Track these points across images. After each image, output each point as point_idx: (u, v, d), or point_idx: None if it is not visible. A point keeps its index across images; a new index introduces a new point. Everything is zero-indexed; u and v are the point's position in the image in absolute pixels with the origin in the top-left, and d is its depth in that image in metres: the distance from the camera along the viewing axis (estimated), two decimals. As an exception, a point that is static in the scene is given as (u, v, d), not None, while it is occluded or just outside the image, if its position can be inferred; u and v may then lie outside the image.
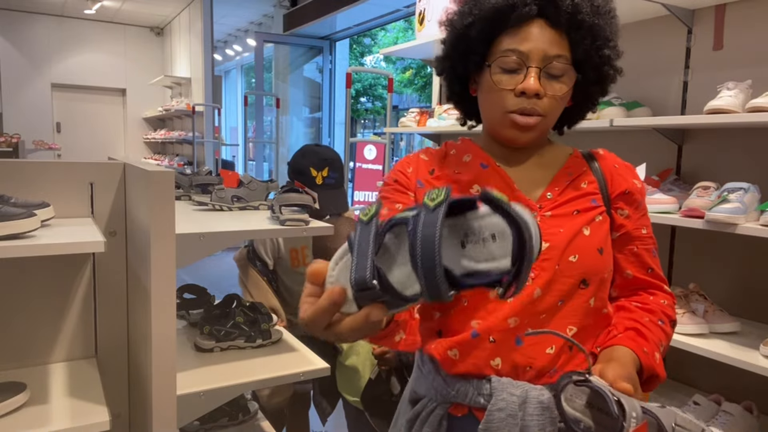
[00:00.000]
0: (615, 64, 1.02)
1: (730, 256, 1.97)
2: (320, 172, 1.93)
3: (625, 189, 1.05)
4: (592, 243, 1.00)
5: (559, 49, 0.97)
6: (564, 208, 1.02)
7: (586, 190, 1.04)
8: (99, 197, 1.42)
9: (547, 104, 0.98)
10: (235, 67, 14.30)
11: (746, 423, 1.75)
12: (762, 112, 1.64)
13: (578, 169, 1.06)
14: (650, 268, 1.07)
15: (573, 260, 0.98)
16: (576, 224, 1.00)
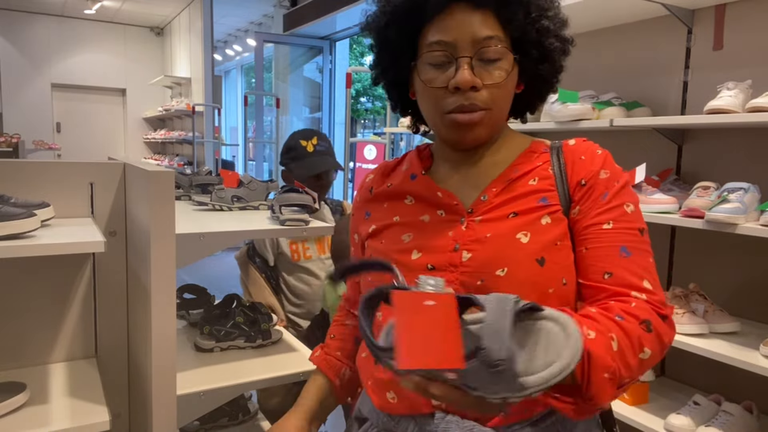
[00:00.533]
0: (561, 34, 0.89)
1: (730, 256, 1.97)
2: (309, 141, 2.01)
3: (580, 179, 0.88)
4: (529, 252, 0.83)
5: (490, 30, 0.85)
6: (499, 210, 0.88)
7: (533, 188, 0.89)
8: (99, 197, 1.42)
9: (487, 96, 0.86)
10: (235, 67, 14.30)
11: (746, 423, 1.75)
12: (762, 112, 1.64)
13: (529, 165, 0.92)
14: (608, 272, 0.83)
15: (501, 274, 0.83)
16: (510, 230, 0.86)
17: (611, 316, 0.77)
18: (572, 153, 0.91)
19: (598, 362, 0.70)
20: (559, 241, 0.86)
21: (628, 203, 0.87)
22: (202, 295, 1.77)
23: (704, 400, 1.83)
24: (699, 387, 2.03)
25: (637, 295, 0.81)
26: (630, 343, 0.75)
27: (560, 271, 0.85)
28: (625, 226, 0.85)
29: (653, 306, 0.81)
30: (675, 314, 1.81)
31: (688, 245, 2.11)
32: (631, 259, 0.83)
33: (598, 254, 0.84)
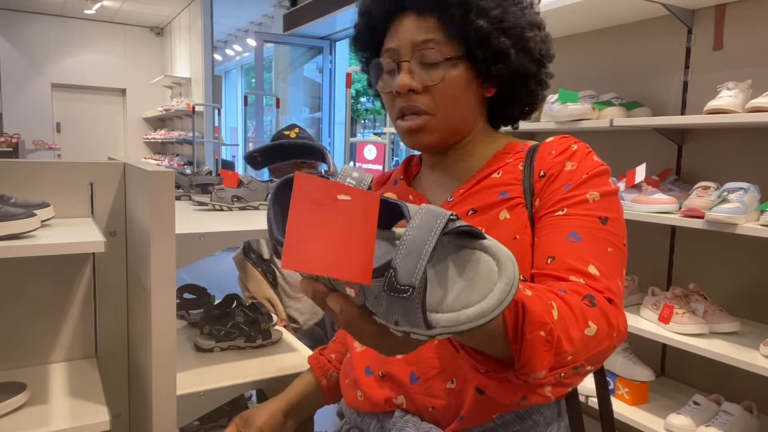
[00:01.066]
0: (514, 32, 0.86)
1: (730, 256, 1.97)
2: (292, 130, 2.13)
3: (539, 170, 0.85)
4: None
5: (427, 34, 0.85)
6: (459, 208, 0.87)
7: (495, 181, 0.87)
8: (99, 197, 1.42)
9: (429, 99, 0.86)
10: (235, 67, 14.30)
11: (746, 423, 1.75)
12: (762, 112, 1.64)
13: (499, 162, 0.90)
14: (550, 256, 0.78)
15: None
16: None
17: (554, 289, 0.69)
18: (545, 149, 0.89)
19: (533, 317, 0.59)
20: (518, 236, 0.83)
21: (591, 192, 0.81)
22: (202, 295, 1.77)
23: (704, 400, 1.83)
24: (699, 387, 2.03)
25: (575, 279, 0.74)
26: (572, 313, 0.65)
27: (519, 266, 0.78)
28: (581, 213, 0.79)
29: (595, 290, 0.73)
30: (675, 314, 1.81)
31: (688, 245, 2.11)
32: (579, 244, 0.77)
33: (545, 241, 0.80)
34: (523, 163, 0.89)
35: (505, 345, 0.60)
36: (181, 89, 8.67)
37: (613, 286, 0.75)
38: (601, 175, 0.84)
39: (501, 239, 0.64)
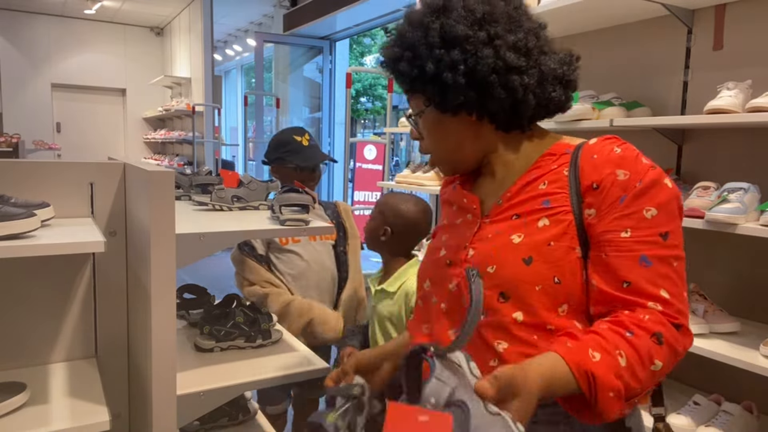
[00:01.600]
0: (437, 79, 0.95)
1: (730, 256, 1.97)
2: (303, 136, 2.13)
3: (591, 183, 0.90)
4: (518, 252, 0.90)
5: (409, 97, 1.06)
6: (506, 213, 0.96)
7: (541, 192, 0.94)
8: (99, 197, 1.42)
9: (427, 143, 1.06)
10: (235, 67, 14.30)
11: (746, 423, 1.75)
12: (762, 112, 1.64)
13: (546, 167, 0.97)
14: (626, 281, 0.85)
15: (490, 271, 0.92)
16: (507, 230, 0.94)
17: (622, 332, 0.81)
18: (587, 152, 0.93)
19: (603, 382, 0.77)
20: (554, 242, 0.90)
21: (647, 207, 0.87)
22: (202, 295, 1.77)
23: (704, 400, 1.83)
24: (699, 387, 2.03)
25: (653, 306, 0.84)
26: (639, 357, 0.80)
27: (550, 270, 0.89)
28: (644, 234, 0.86)
29: (668, 316, 0.84)
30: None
31: (688, 245, 2.10)
32: (651, 268, 0.85)
33: (617, 262, 0.86)
34: (568, 168, 0.94)
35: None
36: (181, 89, 8.67)
37: (683, 306, 0.86)
38: (654, 184, 0.88)
39: (536, 243, 0.90)
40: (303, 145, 2.11)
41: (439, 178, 2.98)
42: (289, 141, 2.12)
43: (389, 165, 4.48)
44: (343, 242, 2.21)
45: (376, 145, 6.96)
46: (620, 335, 0.81)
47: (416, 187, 3.09)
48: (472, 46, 0.93)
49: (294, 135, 2.14)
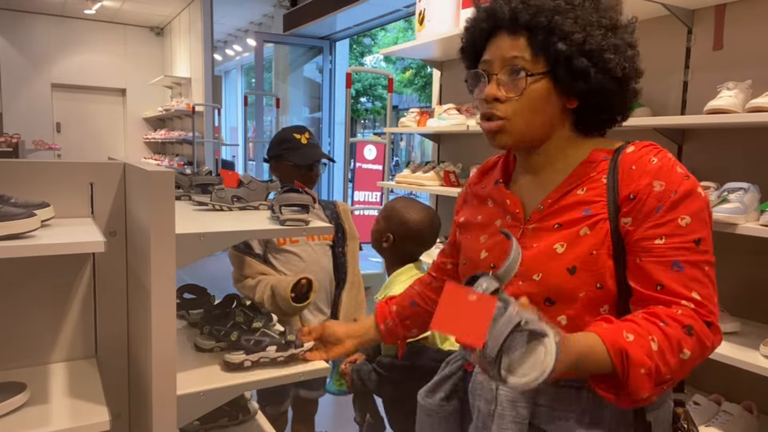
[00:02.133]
0: (593, 54, 0.97)
1: (730, 256, 1.97)
2: (302, 135, 2.14)
3: (628, 193, 0.96)
4: (563, 262, 0.97)
5: (515, 51, 0.99)
6: (547, 221, 1.02)
7: (581, 198, 1.00)
8: (99, 197, 1.42)
9: (508, 107, 1.00)
10: (235, 67, 14.30)
11: (746, 423, 1.75)
12: (762, 112, 1.64)
13: (585, 174, 1.01)
14: (660, 284, 0.92)
15: (536, 279, 0.99)
16: (551, 241, 1.00)
17: (656, 321, 0.89)
18: (625, 162, 0.98)
19: (635, 360, 0.84)
20: (595, 251, 0.96)
21: (682, 216, 0.93)
22: (202, 295, 1.77)
23: (704, 400, 1.83)
24: (699, 387, 2.03)
25: (686, 304, 0.91)
26: (670, 344, 0.87)
27: (593, 277, 0.96)
28: (678, 241, 0.93)
29: (700, 314, 0.90)
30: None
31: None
32: (683, 273, 0.92)
33: (651, 267, 0.93)
34: (607, 175, 0.99)
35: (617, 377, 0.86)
36: (181, 89, 8.67)
37: (713, 307, 0.92)
38: (689, 194, 0.94)
39: (579, 253, 0.97)
40: (302, 143, 2.12)
41: (439, 177, 2.98)
42: (288, 138, 2.13)
43: (389, 165, 4.48)
44: (342, 243, 2.21)
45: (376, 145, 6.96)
46: (654, 324, 0.88)
47: (416, 187, 3.09)
48: (624, 45, 1.03)
49: (294, 133, 2.15)
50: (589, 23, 0.98)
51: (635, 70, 1.05)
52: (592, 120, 1.06)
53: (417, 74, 15.63)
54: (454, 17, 2.82)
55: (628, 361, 0.84)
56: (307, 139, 2.14)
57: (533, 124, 1.02)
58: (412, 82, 15.93)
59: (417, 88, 15.89)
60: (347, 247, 2.22)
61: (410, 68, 15.62)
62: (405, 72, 15.83)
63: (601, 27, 0.99)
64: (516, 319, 0.77)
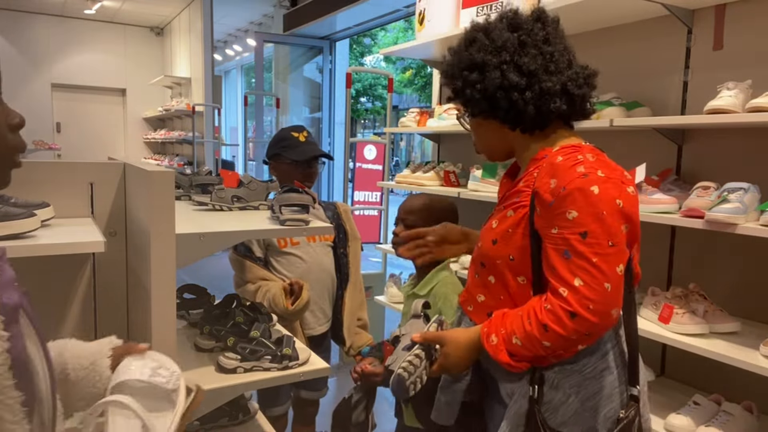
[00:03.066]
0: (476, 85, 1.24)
1: (730, 256, 1.97)
2: (301, 133, 2.16)
3: (535, 188, 1.18)
4: (491, 234, 1.27)
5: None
6: (501, 203, 1.31)
7: (519, 188, 1.25)
8: (99, 197, 1.42)
9: (473, 136, 1.39)
10: (235, 67, 14.30)
11: (746, 423, 1.75)
12: (762, 112, 1.64)
13: (528, 169, 1.25)
14: (553, 267, 1.13)
15: (479, 246, 1.31)
16: (493, 218, 1.29)
17: (524, 317, 1.15)
18: (546, 160, 1.21)
19: (494, 353, 1.18)
20: (511, 229, 1.22)
21: (569, 210, 1.11)
22: (202, 295, 1.77)
23: (704, 400, 1.83)
24: (699, 387, 2.03)
25: (562, 292, 1.11)
26: (528, 339, 1.14)
27: (506, 249, 1.22)
28: (566, 233, 1.11)
29: (567, 305, 1.09)
30: (675, 314, 1.81)
31: (688, 245, 2.11)
32: (570, 261, 1.11)
33: (550, 252, 1.14)
34: (538, 170, 1.21)
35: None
36: (181, 89, 8.67)
37: (592, 294, 1.09)
38: (577, 191, 1.10)
39: (501, 229, 1.25)
40: (299, 141, 2.13)
41: (439, 177, 2.99)
42: (286, 137, 2.14)
43: (389, 165, 4.48)
44: (344, 243, 2.21)
45: (376, 145, 6.96)
46: (521, 321, 1.15)
47: (416, 187, 3.09)
48: (486, 70, 1.23)
49: (292, 131, 2.15)
50: (460, 69, 1.30)
51: (510, 79, 1.22)
52: (523, 124, 1.26)
53: (417, 74, 15.63)
54: (454, 17, 2.82)
55: (492, 353, 1.19)
56: (305, 137, 2.14)
57: (492, 145, 1.37)
58: (412, 82, 15.93)
59: (417, 88, 15.89)
60: (349, 247, 2.22)
61: (410, 68, 15.62)
62: (405, 72, 15.83)
63: (466, 68, 1.28)
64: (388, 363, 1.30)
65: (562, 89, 1.22)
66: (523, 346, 1.14)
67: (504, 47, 1.22)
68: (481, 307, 1.30)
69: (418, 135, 3.77)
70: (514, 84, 1.21)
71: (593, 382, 1.19)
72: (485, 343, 1.18)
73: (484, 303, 1.29)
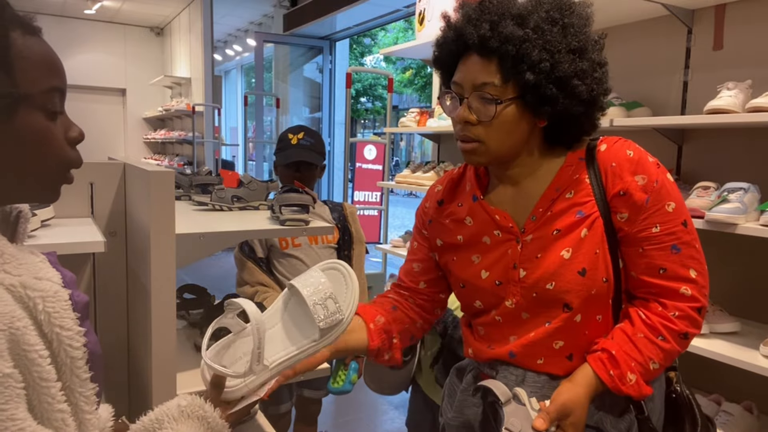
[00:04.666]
0: (560, 82, 0.98)
1: (730, 256, 1.97)
2: (296, 135, 2.07)
3: (619, 190, 1.02)
4: (572, 266, 1.02)
5: (485, 76, 1.00)
6: (545, 229, 1.05)
7: (572, 201, 1.05)
8: (99, 197, 1.42)
9: (481, 130, 1.02)
10: (235, 67, 14.30)
11: (746, 423, 1.75)
12: (762, 112, 1.64)
13: (568, 179, 1.06)
14: (662, 268, 1.02)
15: (550, 288, 1.03)
16: (555, 248, 1.04)
17: (654, 338, 1.01)
18: (604, 161, 1.04)
19: (633, 394, 1.02)
20: (598, 249, 1.03)
21: (668, 203, 1.01)
22: (202, 295, 1.76)
23: (704, 400, 1.83)
24: (699, 387, 2.03)
25: (684, 291, 1.02)
26: (668, 357, 1.03)
27: (600, 274, 1.03)
28: (670, 226, 1.01)
29: (694, 301, 1.02)
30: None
31: (688, 245, 2.11)
32: (681, 254, 1.01)
33: (653, 254, 1.02)
34: (587, 176, 1.05)
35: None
36: (181, 89, 8.67)
37: (705, 281, 1.05)
38: (666, 182, 1.02)
39: (585, 255, 1.02)
40: (290, 144, 2.08)
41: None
42: (282, 138, 2.11)
43: (389, 165, 4.48)
44: (348, 246, 2.18)
45: (376, 145, 6.96)
46: (651, 344, 1.01)
47: (416, 187, 3.09)
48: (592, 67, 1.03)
49: (289, 132, 2.12)
50: (557, 50, 0.99)
51: (603, 89, 1.06)
52: (561, 137, 1.08)
53: (417, 74, 15.63)
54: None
55: (627, 395, 1.02)
56: (298, 139, 2.08)
57: (505, 144, 1.04)
58: (412, 82, 15.94)
59: (417, 88, 15.90)
60: (353, 251, 2.18)
61: (410, 68, 15.63)
62: (405, 72, 15.84)
63: (570, 52, 1.00)
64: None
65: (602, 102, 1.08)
66: (660, 368, 1.02)
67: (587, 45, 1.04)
68: (560, 352, 1.08)
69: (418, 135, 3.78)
70: (603, 90, 1.05)
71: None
72: (622, 386, 1.00)
73: (564, 348, 1.07)
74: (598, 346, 1.04)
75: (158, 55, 9.48)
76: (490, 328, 1.13)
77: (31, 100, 0.68)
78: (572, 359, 1.07)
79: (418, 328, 1.24)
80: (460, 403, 1.21)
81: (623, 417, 1.06)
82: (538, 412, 0.98)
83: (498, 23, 0.99)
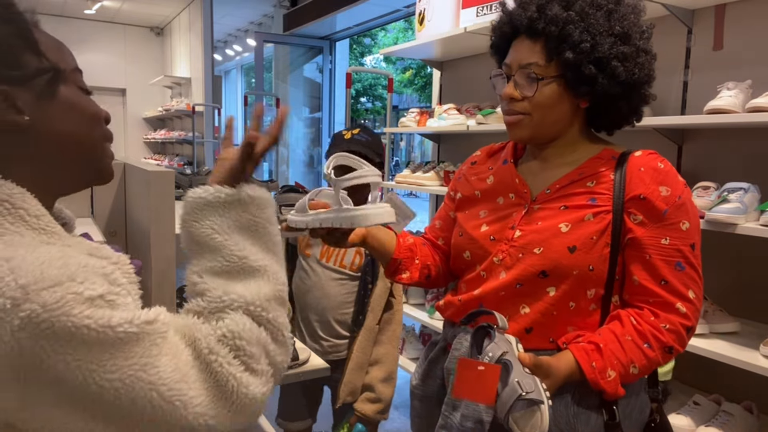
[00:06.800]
0: (600, 62, 1.05)
1: (730, 256, 1.97)
2: (351, 131, 1.91)
3: (639, 193, 1.06)
4: (565, 240, 1.07)
5: (531, 56, 1.09)
6: (554, 202, 1.12)
7: (589, 189, 1.10)
8: (99, 197, 1.42)
9: (526, 104, 1.11)
10: (235, 67, 14.30)
11: (746, 423, 1.75)
12: (762, 112, 1.65)
13: (594, 168, 1.12)
14: (664, 280, 1.05)
15: (537, 252, 1.09)
16: (556, 220, 1.10)
17: (641, 344, 1.04)
18: (634, 165, 1.09)
19: (608, 393, 1.04)
20: (595, 237, 1.07)
21: (684, 221, 1.06)
22: (202, 295, 1.76)
23: (704, 400, 1.83)
24: (699, 387, 2.03)
25: (679, 308, 1.05)
26: (650, 365, 1.06)
27: (588, 260, 1.06)
28: (679, 244, 1.05)
29: (686, 319, 1.05)
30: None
31: (688, 245, 2.11)
32: (684, 273, 1.06)
33: (659, 264, 1.05)
34: (613, 173, 1.10)
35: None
36: (181, 89, 8.67)
37: (700, 305, 1.07)
38: (688, 201, 1.07)
39: (581, 235, 1.07)
40: (344, 139, 1.90)
41: (439, 177, 2.98)
42: (335, 136, 1.95)
43: (389, 165, 4.48)
44: (372, 273, 1.88)
45: (376, 145, 6.94)
46: (637, 348, 1.04)
47: (416, 187, 3.09)
48: (635, 52, 1.07)
49: (344, 130, 1.96)
50: (599, 32, 1.05)
51: (647, 75, 1.10)
52: (601, 120, 1.16)
53: (417, 74, 15.63)
54: (454, 17, 2.82)
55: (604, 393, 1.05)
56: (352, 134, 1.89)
57: (548, 119, 1.11)
58: (412, 82, 15.94)
59: (417, 88, 15.90)
60: (376, 286, 1.87)
61: (410, 68, 15.62)
62: (405, 72, 15.83)
63: (612, 35, 1.06)
64: (518, 391, 0.95)
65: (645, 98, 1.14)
66: (638, 374, 1.05)
67: (631, 32, 1.08)
68: (523, 320, 1.10)
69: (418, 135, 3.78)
70: (646, 76, 1.09)
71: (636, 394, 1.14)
72: (600, 380, 1.02)
73: (527, 316, 1.10)
74: (584, 338, 1.07)
75: (158, 55, 9.48)
76: (473, 284, 1.18)
77: (66, 76, 0.72)
78: (531, 333, 1.10)
79: (437, 270, 1.32)
80: (425, 372, 1.28)
81: (593, 422, 1.08)
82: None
83: (545, 6, 1.07)
